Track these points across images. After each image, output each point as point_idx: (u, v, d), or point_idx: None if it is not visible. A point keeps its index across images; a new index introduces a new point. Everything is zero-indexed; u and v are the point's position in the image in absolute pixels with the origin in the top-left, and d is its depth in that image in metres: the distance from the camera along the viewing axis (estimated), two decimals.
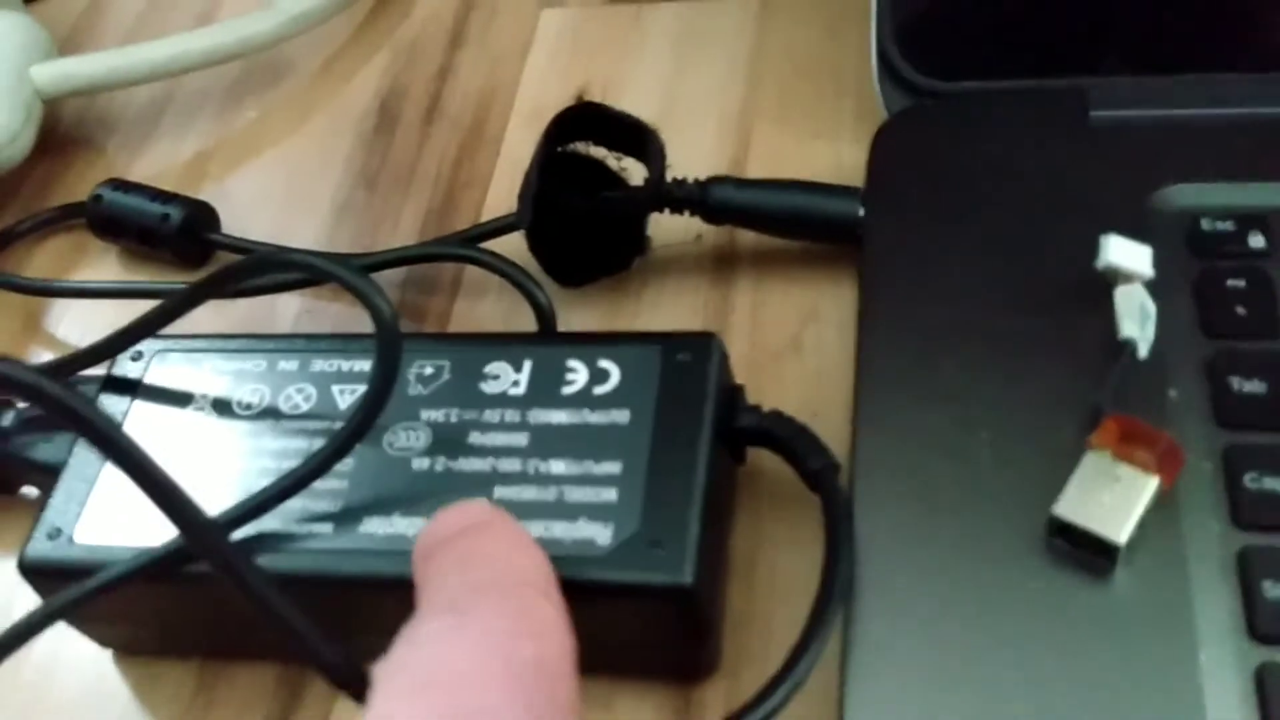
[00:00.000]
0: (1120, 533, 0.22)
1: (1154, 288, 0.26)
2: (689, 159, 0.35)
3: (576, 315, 0.32)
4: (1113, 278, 0.26)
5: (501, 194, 0.36)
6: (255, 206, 0.37)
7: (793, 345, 0.31)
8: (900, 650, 0.23)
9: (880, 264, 0.28)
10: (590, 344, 0.25)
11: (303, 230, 0.36)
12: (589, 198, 0.30)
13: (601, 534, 0.22)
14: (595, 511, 0.22)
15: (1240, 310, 0.26)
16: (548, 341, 0.25)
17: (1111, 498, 0.22)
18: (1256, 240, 0.27)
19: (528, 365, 0.24)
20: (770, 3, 0.39)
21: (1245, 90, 0.30)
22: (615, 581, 0.21)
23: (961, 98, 0.32)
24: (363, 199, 0.37)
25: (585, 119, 0.30)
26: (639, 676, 0.24)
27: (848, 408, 0.27)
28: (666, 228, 0.33)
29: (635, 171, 0.31)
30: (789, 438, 0.24)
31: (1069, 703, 0.21)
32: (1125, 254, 0.25)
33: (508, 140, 0.37)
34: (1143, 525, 0.23)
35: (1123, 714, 0.21)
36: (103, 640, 0.27)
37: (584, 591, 0.20)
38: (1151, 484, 0.23)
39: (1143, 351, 0.25)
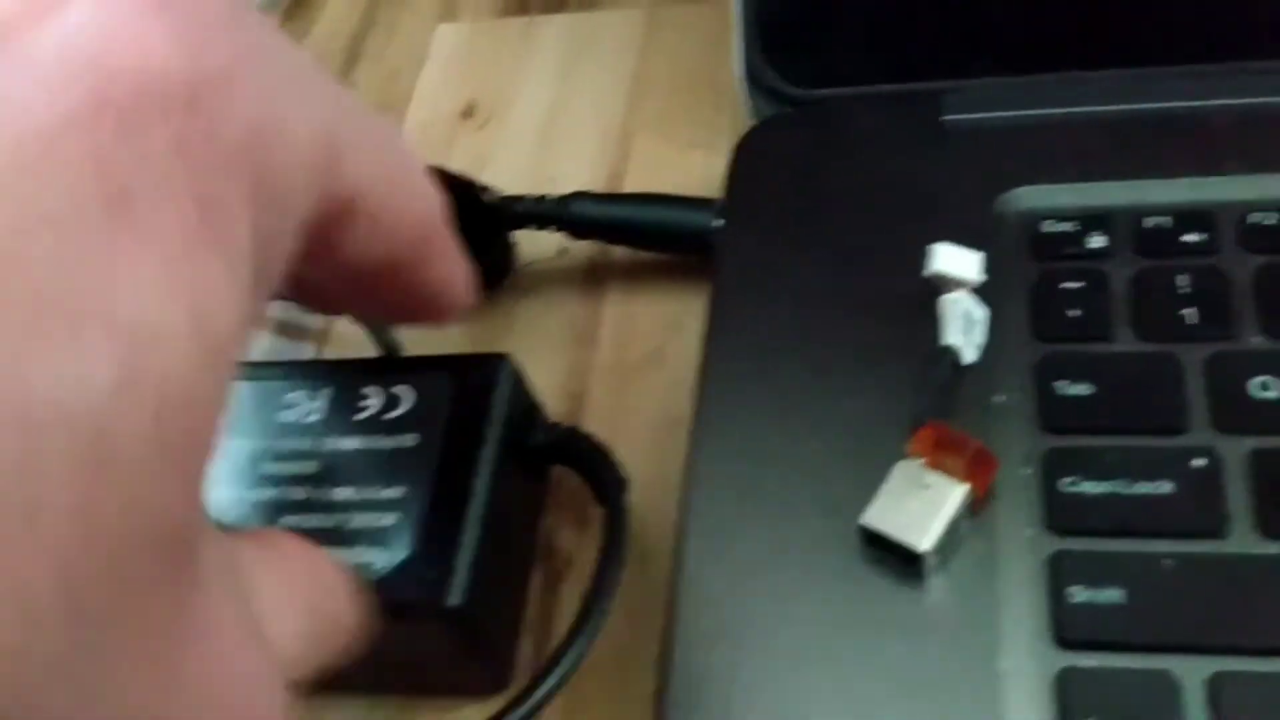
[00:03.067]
0: (923, 540, 0.22)
1: (995, 292, 0.26)
2: (570, 172, 0.35)
3: (448, 334, 0.32)
4: (942, 285, 0.26)
5: None
6: None
7: (656, 356, 0.31)
8: (719, 658, 0.23)
9: (728, 274, 0.29)
10: (386, 370, 0.25)
11: None
12: None
13: (379, 558, 0.22)
14: (375, 536, 0.23)
15: (1073, 312, 0.26)
16: (345, 368, 0.25)
17: (919, 505, 0.22)
18: (1097, 241, 0.27)
19: (325, 393, 0.25)
20: (657, 14, 0.39)
21: (1094, 89, 0.30)
22: (389, 604, 0.22)
23: (822, 105, 0.32)
24: None
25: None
26: (443, 694, 0.25)
27: None
28: (541, 245, 0.33)
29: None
30: (581, 454, 0.25)
31: (875, 711, 0.22)
32: (952, 261, 0.26)
33: None
34: (954, 532, 0.23)
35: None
36: None
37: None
38: (959, 491, 0.23)
39: (970, 358, 0.25)
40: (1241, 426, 0.24)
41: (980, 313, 0.26)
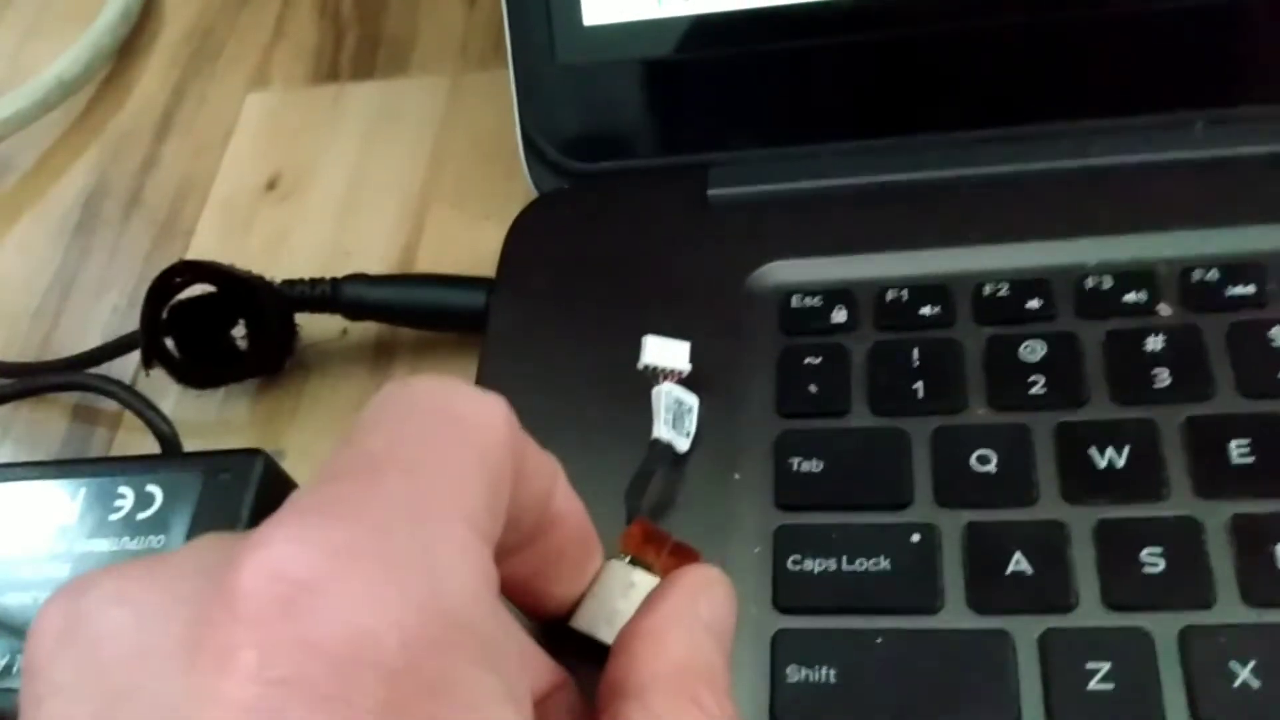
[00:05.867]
0: None
1: (744, 368, 0.27)
2: (366, 245, 0.36)
3: (236, 419, 0.32)
4: (653, 376, 0.26)
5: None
6: None
7: None
8: None
9: (492, 354, 0.29)
10: (142, 469, 0.25)
11: None
12: (198, 312, 0.30)
13: None
14: None
15: (813, 388, 0.27)
16: (103, 468, 0.26)
17: (625, 603, 0.22)
18: (839, 315, 0.28)
19: (82, 494, 0.25)
20: (461, 83, 0.39)
21: (851, 161, 0.30)
22: None
23: (598, 179, 0.32)
24: (55, 304, 0.37)
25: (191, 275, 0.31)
26: None
27: None
28: (326, 326, 0.33)
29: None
30: None
31: None
32: (661, 353, 0.26)
33: (199, 232, 0.38)
34: None
35: None
36: None
37: None
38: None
39: (682, 446, 0.26)
40: (960, 500, 0.25)
41: (690, 400, 0.26)
